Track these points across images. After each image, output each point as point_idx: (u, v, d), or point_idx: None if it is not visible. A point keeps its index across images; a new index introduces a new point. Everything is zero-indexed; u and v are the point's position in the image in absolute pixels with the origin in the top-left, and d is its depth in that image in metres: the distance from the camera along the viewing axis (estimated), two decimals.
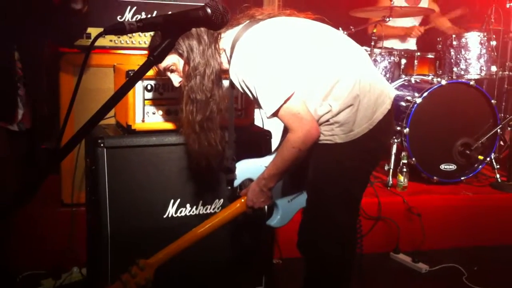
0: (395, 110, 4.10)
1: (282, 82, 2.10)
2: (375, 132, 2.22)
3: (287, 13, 2.37)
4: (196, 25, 1.53)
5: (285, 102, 2.09)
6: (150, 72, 2.33)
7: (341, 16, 4.71)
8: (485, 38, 4.39)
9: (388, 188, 3.93)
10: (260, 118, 2.91)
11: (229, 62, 2.22)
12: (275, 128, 2.84)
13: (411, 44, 5.21)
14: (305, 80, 2.14)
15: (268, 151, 2.73)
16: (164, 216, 2.58)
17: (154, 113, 2.57)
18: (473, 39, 4.39)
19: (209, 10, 1.40)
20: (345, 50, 2.28)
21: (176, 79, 2.28)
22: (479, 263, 3.51)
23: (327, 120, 2.18)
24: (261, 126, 2.99)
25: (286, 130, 2.26)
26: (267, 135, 2.84)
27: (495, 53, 4.47)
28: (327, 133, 2.20)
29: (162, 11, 3.29)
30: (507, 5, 4.50)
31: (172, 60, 2.22)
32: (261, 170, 2.30)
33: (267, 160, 2.35)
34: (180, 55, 2.20)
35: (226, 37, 2.25)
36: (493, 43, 4.43)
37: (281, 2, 5.29)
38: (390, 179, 3.95)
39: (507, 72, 4.52)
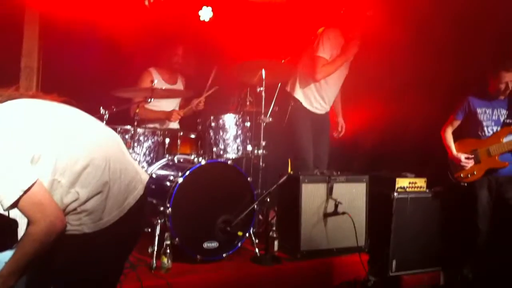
0: (159, 190, 4.15)
1: (21, 170, 1.93)
2: (126, 218, 2.15)
3: (30, 94, 2.22)
4: None
5: (25, 191, 1.91)
6: None
7: (104, 95, 4.64)
8: (240, 120, 4.71)
9: (152, 271, 3.82)
10: None
11: None
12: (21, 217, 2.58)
13: (174, 124, 5.34)
14: (48, 167, 1.99)
15: (13, 243, 2.45)
16: None
17: None
18: (230, 121, 4.67)
19: None
20: (94, 135, 2.20)
21: None
22: None
23: (75, 209, 2.05)
24: (6, 215, 2.69)
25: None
26: (12, 224, 2.56)
27: (250, 133, 4.80)
28: (75, 222, 2.06)
29: None
30: (258, 89, 4.86)
31: None
32: (0, 267, 2.04)
33: (7, 255, 2.10)
34: None
35: None
36: (248, 124, 4.76)
37: (41, 81, 5.07)
38: (154, 261, 3.85)
39: (261, 151, 4.82)
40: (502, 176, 4.44)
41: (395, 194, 4.42)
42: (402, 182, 4.51)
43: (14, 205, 1.94)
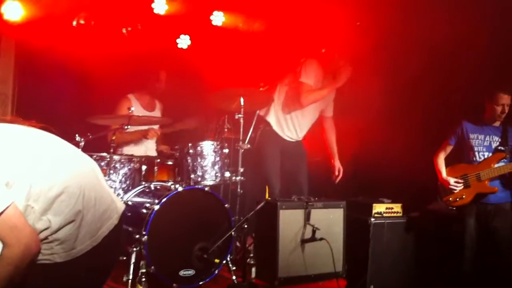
0: (135, 218, 4.11)
1: None
2: (100, 248, 2.12)
3: (8, 119, 2.21)
4: None
5: None
6: None
7: (79, 122, 4.62)
8: (218, 147, 4.70)
9: None
10: None
11: None
12: None
13: (151, 150, 5.32)
14: (23, 192, 1.97)
15: None
16: None
17: None
18: (208, 148, 4.66)
19: None
20: (70, 162, 2.18)
21: None
22: None
23: (46, 238, 2.02)
24: None
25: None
26: None
27: (228, 160, 4.79)
28: (46, 251, 2.02)
29: None
30: (236, 116, 4.87)
31: None
32: None
33: None
34: None
35: None
36: (226, 150, 4.76)
37: (16, 108, 5.03)
38: None
39: (239, 177, 4.80)
40: (491, 203, 4.41)
41: (372, 219, 4.43)
42: (378, 208, 4.53)
43: None
